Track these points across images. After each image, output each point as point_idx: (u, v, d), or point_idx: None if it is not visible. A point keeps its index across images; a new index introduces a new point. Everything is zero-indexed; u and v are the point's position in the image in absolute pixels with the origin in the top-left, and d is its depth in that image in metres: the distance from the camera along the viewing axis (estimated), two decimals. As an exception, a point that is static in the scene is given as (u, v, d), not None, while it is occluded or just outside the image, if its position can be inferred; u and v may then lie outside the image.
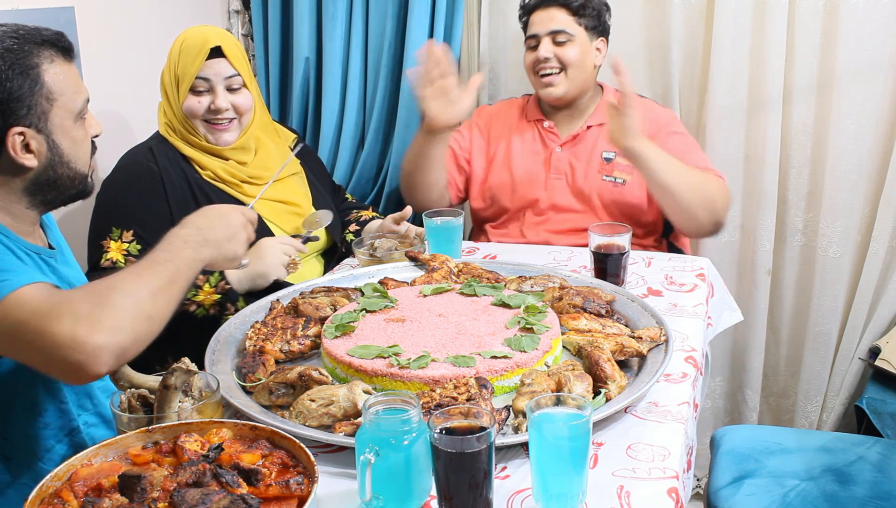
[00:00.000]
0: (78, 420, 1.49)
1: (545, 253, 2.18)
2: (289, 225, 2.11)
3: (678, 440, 1.34)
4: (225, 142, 2.03)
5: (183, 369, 1.28)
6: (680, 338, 1.67)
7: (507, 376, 1.44)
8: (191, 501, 1.04)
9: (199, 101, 2.00)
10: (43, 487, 1.09)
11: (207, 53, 1.96)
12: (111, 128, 2.37)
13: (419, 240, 2.07)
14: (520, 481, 1.24)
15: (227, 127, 2.02)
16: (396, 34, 2.74)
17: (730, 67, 2.49)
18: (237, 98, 2.01)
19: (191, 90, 1.99)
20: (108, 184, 2.01)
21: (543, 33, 2.31)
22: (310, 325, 1.64)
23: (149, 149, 2.03)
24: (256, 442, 1.18)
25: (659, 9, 2.55)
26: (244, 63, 2.03)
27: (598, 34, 2.35)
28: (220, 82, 1.99)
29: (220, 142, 2.03)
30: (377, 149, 2.85)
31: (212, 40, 1.98)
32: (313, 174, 2.25)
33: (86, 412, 1.51)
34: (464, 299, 1.71)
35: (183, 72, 1.99)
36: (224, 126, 2.01)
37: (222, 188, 2.03)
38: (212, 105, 1.99)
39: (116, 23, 2.39)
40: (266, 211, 2.07)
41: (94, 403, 1.52)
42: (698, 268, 2.05)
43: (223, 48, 1.98)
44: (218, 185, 2.03)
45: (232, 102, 2.01)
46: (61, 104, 1.38)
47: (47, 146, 1.38)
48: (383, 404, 1.19)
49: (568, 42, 2.30)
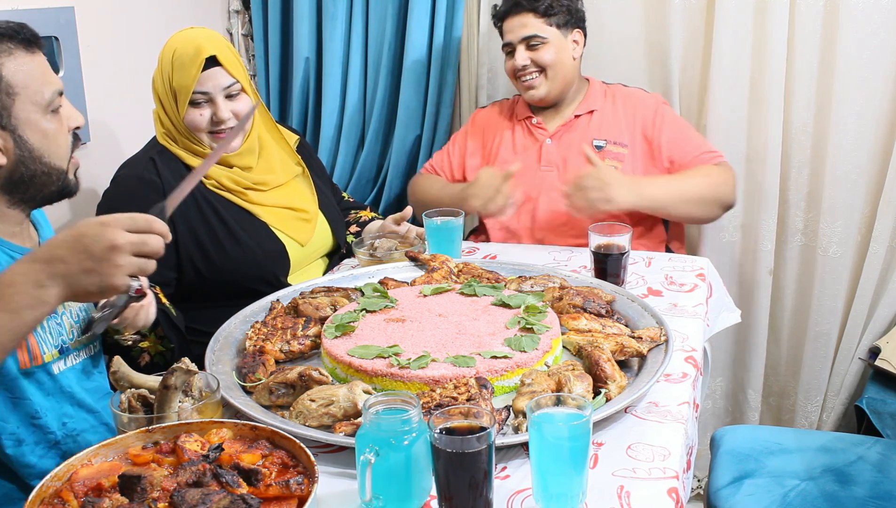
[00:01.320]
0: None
1: (545, 253, 2.18)
2: (298, 233, 2.07)
3: (678, 440, 1.34)
4: (232, 148, 2.00)
5: (183, 369, 1.28)
6: (680, 338, 1.67)
7: (507, 376, 1.44)
8: (191, 501, 1.04)
9: (201, 113, 1.95)
10: (43, 487, 1.09)
11: (202, 65, 1.90)
12: (111, 128, 2.37)
13: (419, 240, 2.07)
14: (520, 481, 1.24)
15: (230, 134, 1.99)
16: (396, 34, 2.74)
17: (730, 67, 2.48)
18: (237, 105, 1.97)
19: (190, 103, 1.94)
20: (110, 196, 1.97)
21: (517, 41, 2.33)
22: (310, 325, 1.64)
23: (150, 159, 1.98)
24: (256, 442, 1.18)
25: (659, 9, 2.55)
26: (240, 67, 1.98)
27: (573, 27, 2.35)
28: (219, 93, 1.94)
29: (227, 150, 1.99)
30: (377, 149, 2.85)
31: (205, 49, 1.91)
32: (314, 173, 2.24)
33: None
34: (464, 299, 1.71)
35: (179, 85, 1.93)
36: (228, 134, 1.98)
37: (227, 197, 2.01)
38: (214, 117, 1.95)
39: (116, 23, 2.39)
40: (274, 219, 2.04)
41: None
42: (698, 268, 2.05)
43: (218, 57, 1.92)
44: (223, 194, 2.01)
45: (232, 109, 1.96)
46: (25, 97, 1.33)
47: (14, 142, 1.34)
48: (383, 404, 1.19)
49: (541, 45, 2.31)
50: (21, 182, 1.38)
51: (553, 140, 2.39)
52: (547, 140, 2.40)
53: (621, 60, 2.53)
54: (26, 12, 2.01)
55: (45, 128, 1.36)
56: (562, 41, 2.33)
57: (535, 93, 2.36)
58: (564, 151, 2.38)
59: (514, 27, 2.33)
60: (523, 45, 2.32)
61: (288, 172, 2.12)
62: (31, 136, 1.35)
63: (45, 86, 1.36)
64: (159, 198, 1.92)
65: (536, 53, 2.32)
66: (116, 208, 1.91)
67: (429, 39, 2.69)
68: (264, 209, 2.04)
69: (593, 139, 2.36)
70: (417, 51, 2.69)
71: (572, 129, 2.39)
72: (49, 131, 1.37)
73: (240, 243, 1.97)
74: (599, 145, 2.35)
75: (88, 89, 2.25)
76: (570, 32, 2.35)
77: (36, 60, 1.36)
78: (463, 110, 2.81)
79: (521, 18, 2.32)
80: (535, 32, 2.31)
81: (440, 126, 2.76)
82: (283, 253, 2.02)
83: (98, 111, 2.30)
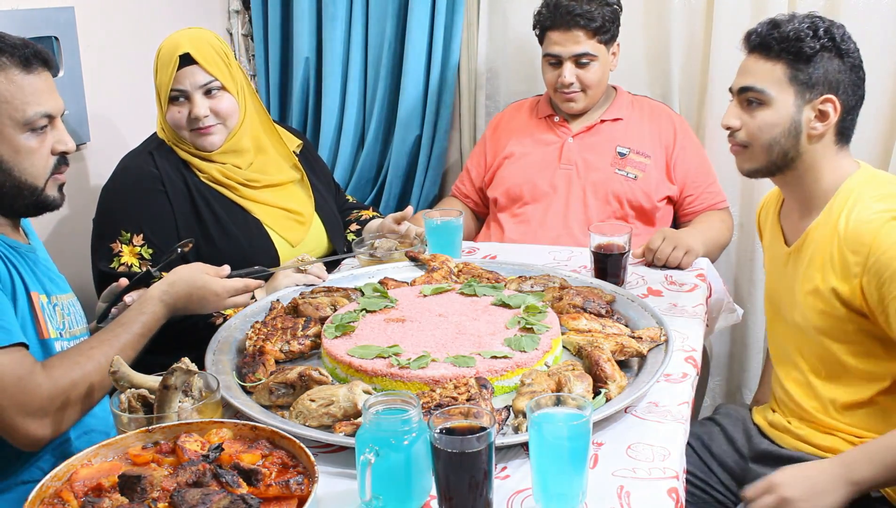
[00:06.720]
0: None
1: (545, 253, 2.18)
2: (289, 233, 2.08)
3: (678, 440, 1.34)
4: (211, 144, 1.99)
5: (183, 369, 1.28)
6: (680, 338, 1.67)
7: (507, 376, 1.44)
8: (191, 501, 1.04)
9: (179, 111, 1.96)
10: (43, 487, 1.09)
11: (177, 63, 1.93)
12: (110, 128, 2.38)
13: (419, 240, 2.07)
14: (520, 481, 1.24)
15: (209, 130, 1.98)
16: (396, 34, 2.74)
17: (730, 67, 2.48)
18: (216, 103, 1.97)
19: (169, 101, 1.97)
20: (111, 187, 1.99)
21: (566, 56, 2.31)
22: (310, 325, 1.64)
23: (149, 153, 2.00)
24: (256, 442, 1.18)
25: (659, 9, 2.55)
26: (221, 66, 1.98)
27: (614, 40, 2.37)
28: (196, 90, 1.95)
29: (205, 145, 1.99)
30: (377, 149, 2.85)
31: (181, 47, 1.93)
32: (316, 177, 2.23)
33: None
34: (464, 299, 1.71)
35: (159, 83, 1.97)
36: (207, 130, 1.98)
37: (221, 191, 2.01)
38: (190, 114, 1.96)
39: (116, 23, 2.39)
40: (267, 218, 2.05)
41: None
42: (698, 268, 2.05)
43: (193, 54, 1.93)
44: (217, 188, 2.01)
45: (211, 107, 1.96)
46: (3, 112, 1.38)
47: None
48: (383, 404, 1.19)
49: (590, 63, 2.31)
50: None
51: (575, 140, 2.40)
52: (569, 139, 2.41)
53: (621, 60, 2.52)
54: (26, 12, 2.01)
55: (19, 144, 1.40)
56: (606, 57, 2.34)
57: (574, 106, 2.37)
58: (586, 153, 2.39)
59: (564, 41, 2.30)
60: (572, 61, 2.31)
61: (283, 175, 2.12)
62: (3, 149, 1.40)
63: (31, 106, 1.40)
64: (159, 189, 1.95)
65: (584, 71, 2.32)
66: (122, 197, 1.95)
67: (429, 39, 2.69)
68: (258, 207, 2.04)
69: (617, 145, 2.38)
70: (417, 51, 2.68)
71: (597, 133, 2.40)
72: (23, 148, 1.41)
73: (229, 235, 1.98)
74: (623, 152, 2.36)
75: (88, 89, 2.25)
76: (612, 46, 2.36)
77: (30, 79, 1.40)
78: (463, 110, 2.81)
79: (574, 34, 2.29)
80: (586, 50, 2.29)
81: (440, 126, 2.76)
82: (271, 250, 2.02)
83: (98, 111, 2.30)
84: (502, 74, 2.79)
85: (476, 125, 2.81)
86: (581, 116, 2.43)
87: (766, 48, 1.61)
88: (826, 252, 1.57)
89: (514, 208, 2.44)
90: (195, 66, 1.94)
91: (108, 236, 1.92)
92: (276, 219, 2.06)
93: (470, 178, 2.57)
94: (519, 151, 2.45)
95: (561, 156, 2.40)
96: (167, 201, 1.96)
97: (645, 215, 2.37)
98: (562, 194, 2.38)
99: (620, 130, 2.39)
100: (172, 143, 2.02)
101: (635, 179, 2.34)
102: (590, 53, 2.30)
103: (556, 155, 2.40)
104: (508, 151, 2.47)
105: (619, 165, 2.36)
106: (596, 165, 2.37)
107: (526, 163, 2.43)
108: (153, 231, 1.92)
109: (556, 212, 2.38)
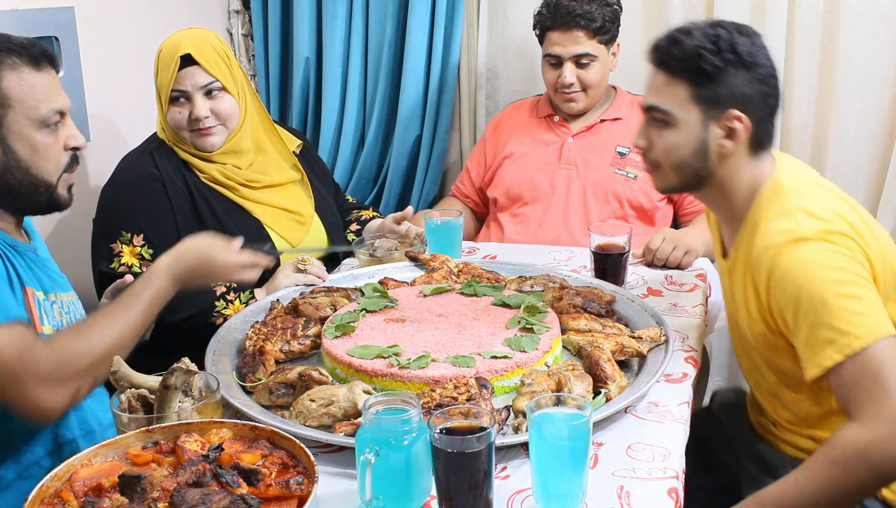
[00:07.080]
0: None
1: (545, 253, 2.18)
2: (290, 233, 2.08)
3: (678, 440, 1.34)
4: (211, 145, 1.99)
5: (183, 369, 1.28)
6: (680, 338, 1.67)
7: (507, 376, 1.44)
8: (191, 501, 1.04)
9: (180, 111, 1.97)
10: (43, 487, 1.09)
11: (178, 63, 1.93)
12: (110, 128, 2.38)
13: (419, 240, 2.07)
14: (520, 481, 1.24)
15: (209, 131, 1.98)
16: (396, 34, 2.74)
17: (729, 67, 2.48)
18: (217, 104, 1.97)
19: (170, 101, 1.97)
20: (111, 187, 1.99)
21: (567, 57, 2.31)
22: (310, 325, 1.64)
23: (149, 153, 2.00)
24: (256, 442, 1.18)
25: (659, 9, 2.55)
26: (222, 67, 1.98)
27: (614, 40, 2.37)
28: (196, 91, 1.95)
29: (206, 146, 1.99)
30: (377, 149, 2.85)
31: (182, 48, 1.93)
32: (316, 177, 2.24)
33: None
34: (464, 299, 1.71)
35: (160, 84, 1.97)
36: (207, 130, 1.98)
37: (221, 192, 2.01)
38: (191, 115, 1.96)
39: (116, 23, 2.39)
40: (267, 218, 2.05)
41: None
42: (698, 268, 2.05)
43: (194, 55, 1.93)
44: (217, 188, 2.01)
45: (212, 108, 1.96)
46: (20, 111, 1.40)
47: (2, 151, 1.40)
48: (383, 404, 1.19)
49: (590, 64, 2.32)
50: (8, 190, 1.43)
51: (575, 140, 2.41)
52: (569, 139, 2.41)
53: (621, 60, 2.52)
54: (26, 12, 2.01)
55: (36, 141, 1.42)
56: (606, 57, 2.35)
57: (574, 106, 2.38)
58: (585, 152, 2.39)
59: (564, 41, 2.31)
60: (572, 62, 2.32)
61: (283, 175, 2.12)
62: (21, 147, 1.41)
63: (44, 103, 1.42)
64: (159, 189, 1.95)
65: (584, 72, 2.33)
66: (122, 197, 1.96)
67: (429, 39, 2.69)
68: (258, 207, 2.05)
69: (617, 145, 2.38)
70: (417, 51, 2.69)
71: (596, 132, 2.41)
72: (40, 145, 1.43)
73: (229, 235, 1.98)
74: (623, 152, 2.37)
75: (88, 89, 2.25)
76: (612, 46, 2.37)
77: (41, 78, 1.42)
78: (463, 110, 2.81)
79: (574, 34, 2.30)
80: (587, 51, 2.30)
81: (440, 126, 2.76)
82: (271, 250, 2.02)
83: (98, 111, 2.30)
84: (502, 74, 2.79)
85: (476, 125, 2.82)
86: (581, 116, 2.43)
87: (668, 66, 1.50)
88: (747, 269, 1.50)
89: (513, 208, 2.44)
90: (196, 66, 1.94)
91: (109, 236, 1.92)
92: (276, 219, 2.06)
93: (470, 178, 2.57)
94: (519, 150, 2.46)
95: (561, 156, 2.40)
96: (167, 202, 1.96)
97: (645, 214, 2.37)
98: (562, 193, 2.38)
99: (620, 129, 2.39)
100: (173, 143, 2.02)
101: (635, 178, 2.35)
102: (590, 54, 2.31)
103: (556, 155, 2.41)
104: (508, 150, 2.47)
105: (619, 165, 2.37)
106: (596, 165, 2.37)
107: (526, 163, 2.43)
108: (153, 231, 1.92)
109: (556, 212, 2.38)
